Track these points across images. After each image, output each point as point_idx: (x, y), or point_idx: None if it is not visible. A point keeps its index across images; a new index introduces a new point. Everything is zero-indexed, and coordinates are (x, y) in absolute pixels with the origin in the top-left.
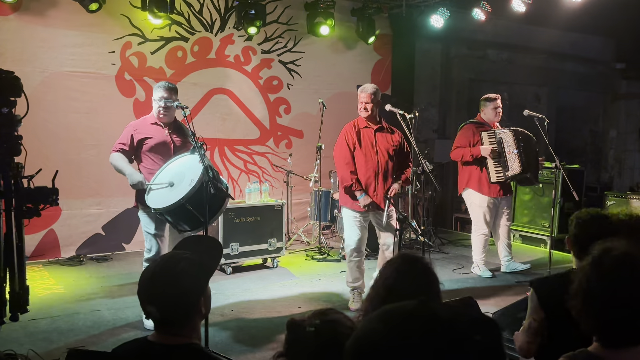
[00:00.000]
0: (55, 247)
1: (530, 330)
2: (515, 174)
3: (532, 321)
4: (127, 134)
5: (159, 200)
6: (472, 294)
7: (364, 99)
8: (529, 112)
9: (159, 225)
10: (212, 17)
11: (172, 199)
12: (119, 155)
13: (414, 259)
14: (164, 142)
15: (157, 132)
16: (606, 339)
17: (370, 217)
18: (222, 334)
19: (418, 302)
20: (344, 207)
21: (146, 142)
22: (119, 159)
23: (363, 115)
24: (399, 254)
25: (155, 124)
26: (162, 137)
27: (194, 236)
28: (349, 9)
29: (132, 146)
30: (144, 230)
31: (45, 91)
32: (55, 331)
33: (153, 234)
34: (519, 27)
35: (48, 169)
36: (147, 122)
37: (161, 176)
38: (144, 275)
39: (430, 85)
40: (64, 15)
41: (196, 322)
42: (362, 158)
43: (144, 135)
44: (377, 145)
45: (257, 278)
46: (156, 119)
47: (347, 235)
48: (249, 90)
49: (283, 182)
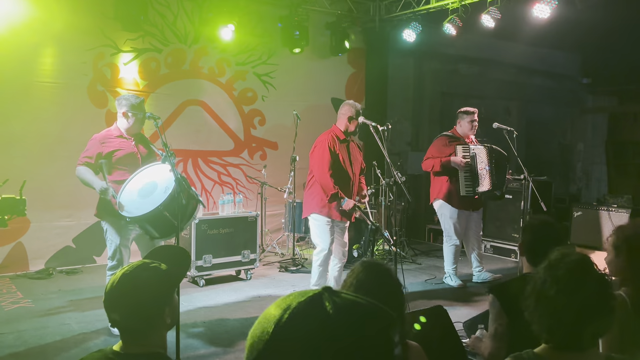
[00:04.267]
0: (24, 260)
1: (497, 335)
2: (484, 190)
3: (497, 326)
4: (93, 147)
5: (133, 209)
6: (444, 303)
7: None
8: (499, 125)
9: (125, 235)
10: (186, 29)
11: (148, 207)
12: (84, 169)
13: (372, 267)
14: (131, 153)
15: (124, 144)
16: (554, 341)
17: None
18: (194, 345)
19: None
20: (317, 215)
21: (115, 154)
22: (85, 172)
23: (351, 130)
24: (359, 262)
25: (121, 137)
26: (129, 148)
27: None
28: (323, 22)
29: (98, 159)
30: (108, 240)
31: (16, 101)
32: (22, 345)
33: (118, 244)
34: (490, 42)
35: (17, 180)
36: (112, 135)
37: (130, 186)
38: (110, 283)
39: (403, 98)
40: (36, 25)
41: (161, 332)
42: (341, 170)
43: (112, 148)
44: (352, 158)
45: (230, 290)
46: (122, 132)
47: (321, 240)
48: (223, 102)
49: (257, 193)
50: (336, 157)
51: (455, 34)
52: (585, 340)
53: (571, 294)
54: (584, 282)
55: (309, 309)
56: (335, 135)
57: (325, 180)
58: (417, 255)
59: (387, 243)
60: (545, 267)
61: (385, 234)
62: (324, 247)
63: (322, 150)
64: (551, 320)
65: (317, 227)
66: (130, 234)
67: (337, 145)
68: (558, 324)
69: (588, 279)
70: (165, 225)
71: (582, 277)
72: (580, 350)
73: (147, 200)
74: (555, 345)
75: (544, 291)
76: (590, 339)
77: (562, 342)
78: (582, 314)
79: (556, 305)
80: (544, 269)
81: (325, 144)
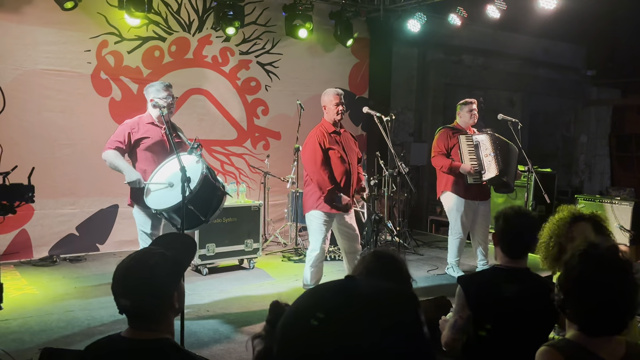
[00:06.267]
0: (28, 247)
1: (456, 327)
2: (492, 177)
3: (458, 319)
4: (123, 132)
5: (159, 201)
6: (446, 293)
7: (338, 101)
8: (503, 116)
9: (155, 224)
10: (190, 17)
11: (173, 199)
12: (114, 153)
13: (384, 256)
14: (160, 141)
15: (154, 132)
16: (587, 327)
17: (335, 221)
18: (198, 333)
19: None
20: (314, 211)
21: (143, 141)
22: (115, 156)
23: (337, 119)
24: (371, 251)
25: (152, 124)
26: (158, 136)
27: (169, 234)
28: (327, 12)
29: (129, 144)
30: (139, 229)
31: (19, 89)
32: (27, 332)
33: (149, 234)
34: (494, 33)
35: (22, 168)
36: (143, 122)
37: (158, 176)
38: (118, 269)
39: (406, 89)
40: (39, 13)
41: (170, 317)
42: (337, 162)
43: (141, 135)
44: (346, 149)
45: (233, 279)
46: (153, 119)
47: (314, 239)
48: (226, 91)
49: (260, 183)
50: (328, 152)
51: (460, 25)
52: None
53: (604, 279)
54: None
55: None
56: (324, 129)
57: (320, 177)
58: (420, 246)
59: (390, 234)
60: (578, 254)
61: (388, 225)
62: (315, 246)
63: (313, 147)
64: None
65: (313, 225)
66: (160, 223)
67: (327, 140)
68: (591, 310)
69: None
70: (191, 217)
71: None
72: (614, 334)
73: (174, 192)
74: (590, 332)
75: (578, 277)
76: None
77: (597, 327)
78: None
79: (589, 290)
80: (577, 256)
81: (315, 140)
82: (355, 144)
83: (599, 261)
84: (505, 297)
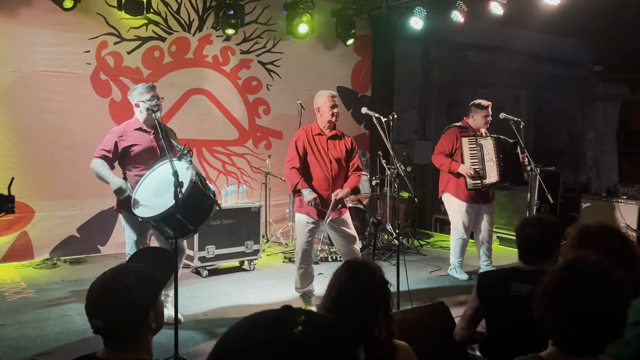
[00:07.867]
0: (28, 249)
1: (465, 317)
2: (492, 182)
3: (467, 309)
4: (110, 140)
5: (146, 209)
6: (448, 295)
7: (333, 103)
8: (505, 115)
9: (142, 232)
10: (190, 17)
11: (160, 207)
12: (100, 162)
13: (356, 268)
14: (150, 147)
15: (142, 139)
16: (564, 344)
17: (327, 228)
18: (194, 339)
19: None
20: (298, 214)
21: (132, 149)
22: (101, 165)
23: (332, 121)
24: (344, 262)
25: (140, 130)
26: (147, 143)
27: (147, 248)
28: (329, 10)
29: (117, 153)
30: (126, 235)
31: (18, 91)
32: (22, 337)
33: (135, 240)
34: (498, 29)
35: (20, 170)
36: (131, 128)
37: (146, 183)
38: (92, 288)
39: (410, 86)
40: (37, 14)
41: (147, 337)
42: (315, 166)
43: (129, 142)
44: (330, 153)
45: (233, 281)
46: (141, 124)
47: (298, 241)
48: (227, 91)
49: (262, 183)
50: (306, 152)
51: (463, 22)
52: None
53: (587, 296)
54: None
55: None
56: (309, 130)
57: (287, 172)
58: (423, 246)
59: (390, 236)
60: (564, 267)
61: (387, 228)
62: (298, 248)
63: (291, 145)
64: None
65: (297, 228)
66: (148, 231)
67: (308, 140)
68: (570, 327)
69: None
70: (180, 226)
71: (600, 280)
72: (590, 355)
73: (161, 200)
74: (566, 349)
75: (559, 291)
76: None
77: (574, 345)
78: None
79: (570, 306)
80: (562, 269)
81: (294, 139)
82: (348, 146)
83: (578, 275)
84: (515, 295)
